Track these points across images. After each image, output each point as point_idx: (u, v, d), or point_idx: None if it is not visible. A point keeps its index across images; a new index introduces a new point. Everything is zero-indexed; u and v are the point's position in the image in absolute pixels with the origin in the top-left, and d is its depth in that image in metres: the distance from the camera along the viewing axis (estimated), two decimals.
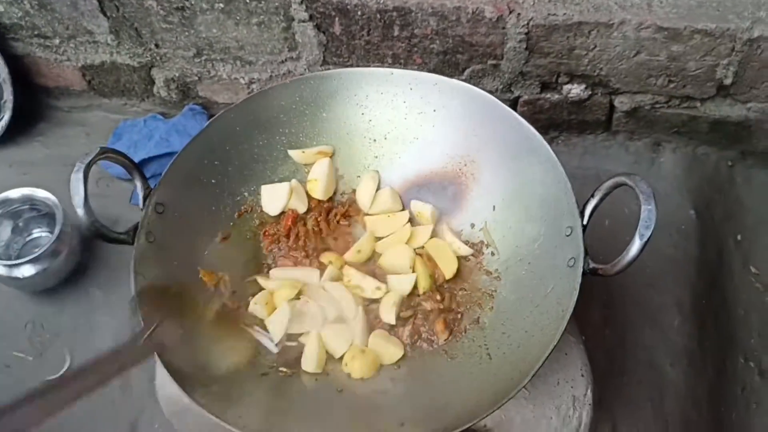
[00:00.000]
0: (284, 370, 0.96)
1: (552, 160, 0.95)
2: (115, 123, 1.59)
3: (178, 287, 0.97)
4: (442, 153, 1.10)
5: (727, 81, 1.27)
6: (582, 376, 0.97)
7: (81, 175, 0.88)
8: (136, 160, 1.40)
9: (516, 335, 0.91)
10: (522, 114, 1.36)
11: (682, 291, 1.34)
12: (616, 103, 1.38)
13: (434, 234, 1.08)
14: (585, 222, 0.89)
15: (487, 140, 1.04)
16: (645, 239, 0.80)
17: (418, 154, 1.12)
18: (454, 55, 1.31)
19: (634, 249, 0.81)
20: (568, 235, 0.91)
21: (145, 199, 0.96)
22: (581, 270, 0.86)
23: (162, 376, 0.94)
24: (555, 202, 0.94)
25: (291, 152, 1.12)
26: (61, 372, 1.30)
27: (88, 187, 0.90)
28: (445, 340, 0.98)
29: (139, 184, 0.96)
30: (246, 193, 1.11)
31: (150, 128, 1.53)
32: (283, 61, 1.40)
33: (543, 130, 1.45)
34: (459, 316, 1.00)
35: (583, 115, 1.42)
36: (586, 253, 0.87)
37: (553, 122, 1.45)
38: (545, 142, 0.97)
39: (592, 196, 0.89)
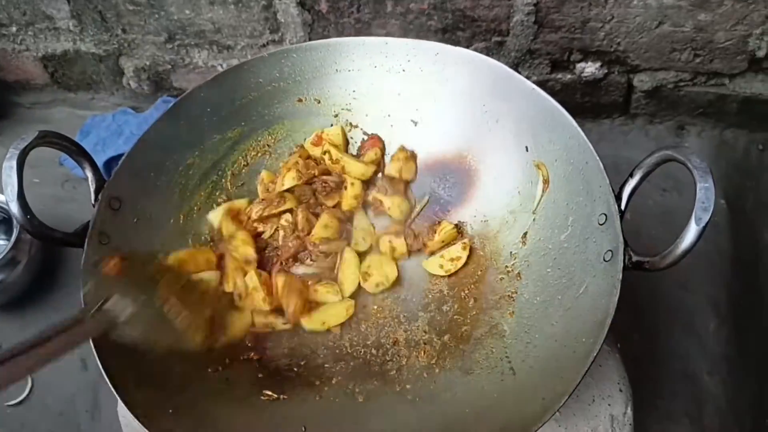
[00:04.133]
0: (270, 393, 0.81)
1: (578, 137, 0.81)
2: (81, 119, 1.46)
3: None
4: (446, 134, 0.96)
5: (761, 53, 1.14)
6: (620, 391, 0.83)
7: (14, 163, 0.74)
8: (104, 158, 1.31)
9: (544, 345, 0.77)
10: None
11: (718, 290, 1.21)
12: (635, 82, 1.26)
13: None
14: (623, 207, 0.75)
15: (499, 116, 0.90)
16: (703, 224, 0.66)
17: (418, 136, 0.98)
18: (455, 33, 1.18)
19: (690, 236, 0.66)
20: (602, 224, 0.76)
21: (97, 193, 0.81)
22: (621, 264, 0.71)
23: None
24: (584, 185, 0.80)
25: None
26: (22, 396, 1.15)
27: (23, 178, 0.76)
28: None
29: (90, 175, 0.82)
30: (219, 186, 0.98)
31: (119, 123, 1.41)
32: (264, 45, 1.27)
33: None
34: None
35: (598, 96, 1.30)
36: (626, 244, 0.73)
37: (564, 106, 1.28)
38: (569, 116, 0.83)
39: (631, 175, 0.75)
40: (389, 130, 0.99)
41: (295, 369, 0.85)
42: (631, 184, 0.75)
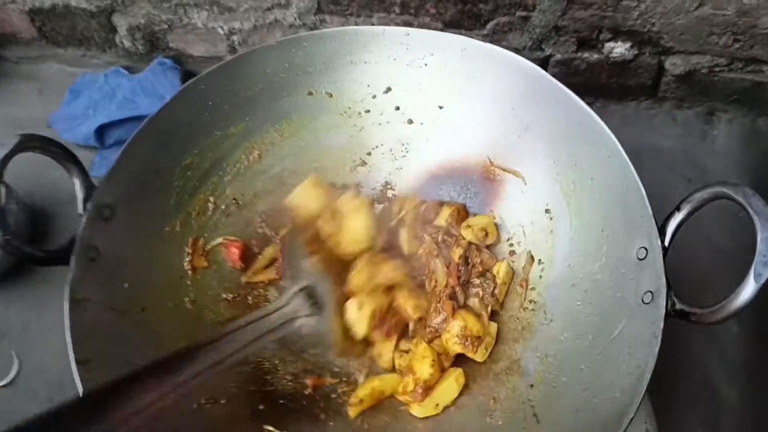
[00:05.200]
0: (271, 429, 0.76)
1: (619, 156, 0.74)
2: (72, 77, 1.38)
3: None
4: (470, 137, 0.89)
5: None
6: (647, 431, 0.77)
7: None
8: (96, 125, 1.25)
9: (572, 393, 0.71)
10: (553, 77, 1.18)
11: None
12: (666, 65, 1.18)
13: None
14: (667, 243, 0.68)
15: (529, 123, 0.82)
16: (763, 281, 0.59)
17: (439, 138, 0.91)
18: (476, 5, 1.09)
19: (747, 293, 0.60)
20: (641, 259, 0.70)
21: (85, 202, 0.73)
22: (663, 311, 0.64)
23: None
24: (623, 211, 0.73)
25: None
26: (9, 379, 1.10)
27: (2, 193, 0.67)
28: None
29: (77, 181, 0.74)
30: (220, 188, 0.90)
31: (112, 86, 1.33)
32: (269, 8, 1.18)
33: (576, 94, 1.26)
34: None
35: (625, 78, 1.22)
36: (669, 286, 0.66)
37: (589, 86, 1.25)
38: (609, 131, 0.75)
39: (678, 209, 0.68)
40: (408, 129, 0.91)
41: (299, 399, 0.79)
42: (678, 218, 0.68)
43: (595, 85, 1.24)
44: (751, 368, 1.10)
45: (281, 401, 0.79)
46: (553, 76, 1.13)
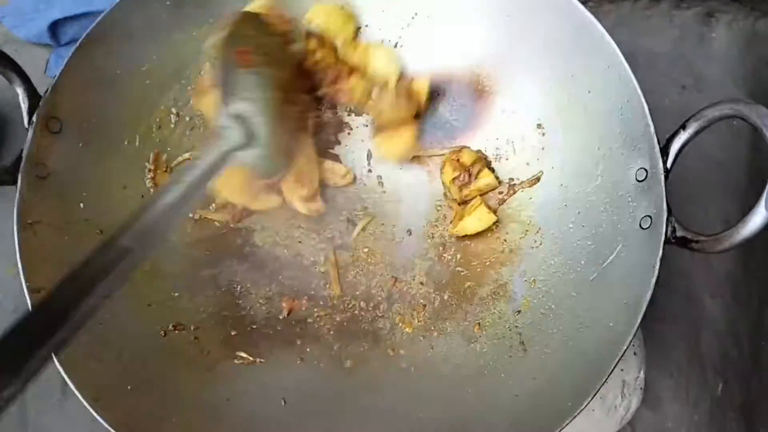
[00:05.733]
0: (244, 356, 0.71)
1: (620, 67, 0.68)
2: None
3: None
4: (458, 42, 0.80)
5: None
6: (635, 354, 0.75)
7: None
8: (49, 20, 1.16)
9: (561, 321, 0.67)
10: None
11: (730, 204, 1.11)
12: None
13: None
14: (669, 165, 0.63)
15: (524, 30, 0.74)
16: None
17: (422, 41, 0.81)
18: None
19: (756, 222, 0.56)
20: (641, 181, 0.64)
21: (31, 113, 0.66)
22: (663, 237, 0.60)
23: None
24: (622, 128, 0.67)
25: None
26: None
27: None
28: None
29: (20, 91, 0.66)
30: (183, 98, 0.82)
31: None
32: None
33: None
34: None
35: None
36: (670, 212, 0.61)
37: None
38: (612, 41, 0.68)
39: (683, 127, 0.62)
40: (388, 30, 0.82)
41: (273, 324, 0.75)
42: (683, 137, 0.62)
43: None
44: (735, 280, 1.08)
45: (254, 326, 0.75)
46: None
